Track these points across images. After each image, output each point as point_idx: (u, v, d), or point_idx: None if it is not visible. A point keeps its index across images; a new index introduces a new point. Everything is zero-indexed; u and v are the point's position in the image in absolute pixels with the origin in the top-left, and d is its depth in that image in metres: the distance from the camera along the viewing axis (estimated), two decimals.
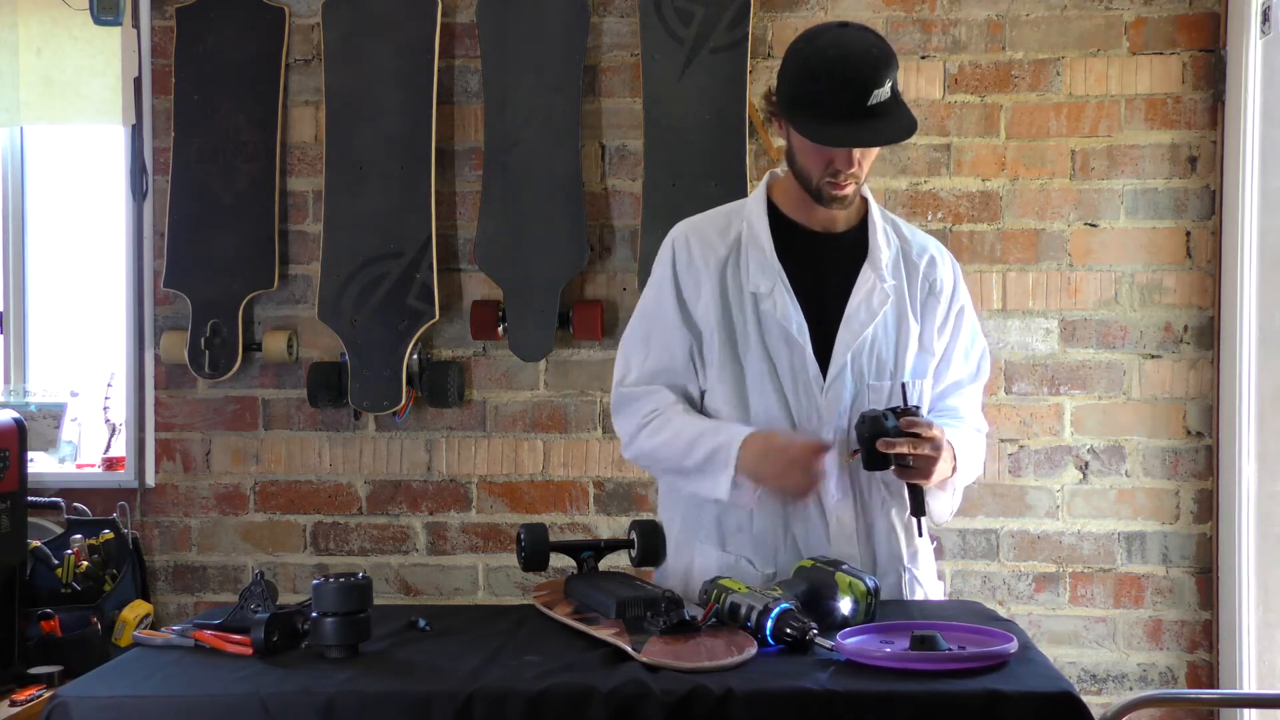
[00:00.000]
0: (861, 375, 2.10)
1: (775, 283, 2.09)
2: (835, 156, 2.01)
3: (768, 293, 2.09)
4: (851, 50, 1.98)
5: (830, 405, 2.09)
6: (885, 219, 2.20)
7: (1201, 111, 3.30)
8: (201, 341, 3.39)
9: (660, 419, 2.12)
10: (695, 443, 2.07)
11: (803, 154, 2.06)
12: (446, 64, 3.42)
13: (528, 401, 3.44)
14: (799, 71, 2.01)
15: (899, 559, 2.15)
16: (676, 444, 2.10)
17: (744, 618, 1.79)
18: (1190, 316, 3.32)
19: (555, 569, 2.21)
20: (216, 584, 3.50)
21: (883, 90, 1.96)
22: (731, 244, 2.14)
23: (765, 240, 2.12)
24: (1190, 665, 3.33)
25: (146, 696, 1.65)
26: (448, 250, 3.43)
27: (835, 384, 2.09)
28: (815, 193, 2.08)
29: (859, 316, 2.10)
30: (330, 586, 1.77)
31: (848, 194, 2.07)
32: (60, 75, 3.50)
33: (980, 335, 2.25)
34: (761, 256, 2.11)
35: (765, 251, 2.11)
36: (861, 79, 1.95)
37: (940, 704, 1.57)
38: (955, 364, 2.20)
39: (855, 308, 2.10)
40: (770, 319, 2.09)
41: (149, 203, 3.48)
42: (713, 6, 3.29)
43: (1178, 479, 3.32)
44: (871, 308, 2.10)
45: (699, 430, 2.09)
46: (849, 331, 2.09)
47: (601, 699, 1.59)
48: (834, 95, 1.96)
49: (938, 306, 2.18)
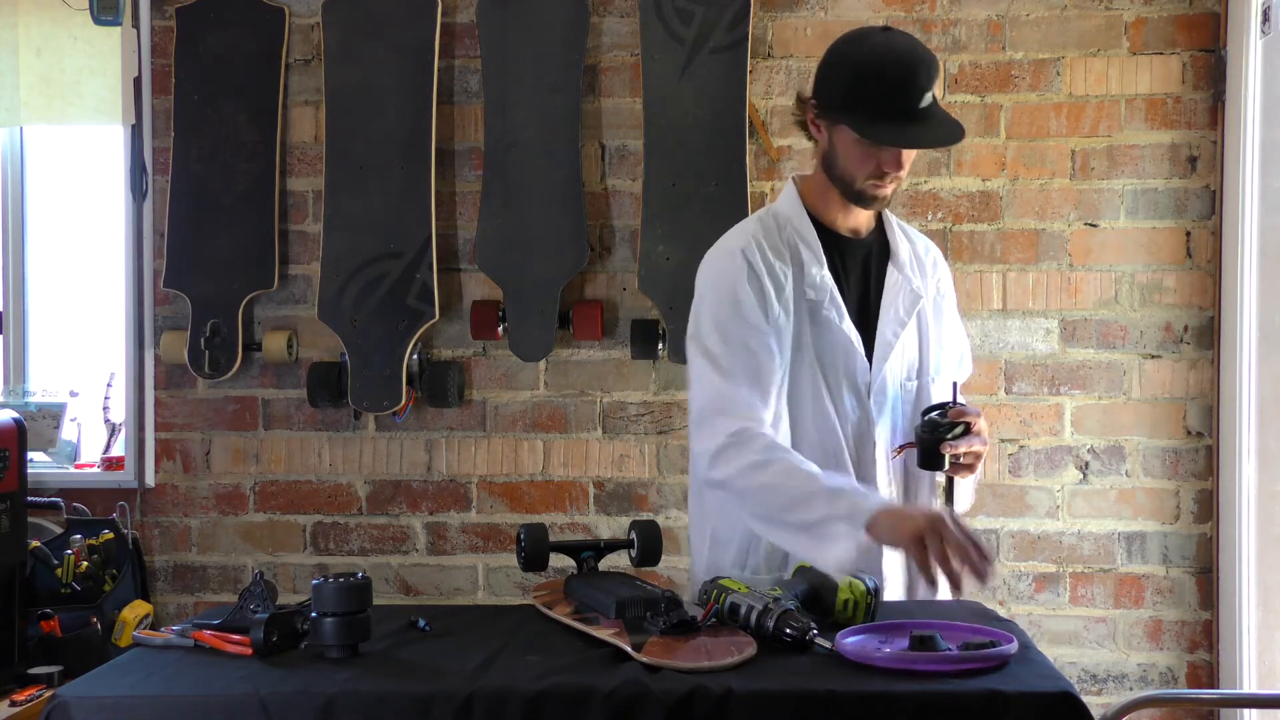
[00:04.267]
0: (897, 376, 2.15)
1: (831, 291, 2.11)
2: (884, 158, 2.03)
3: (825, 300, 2.11)
4: (903, 53, 2.02)
5: (877, 407, 2.12)
6: (894, 220, 2.25)
7: (1201, 111, 3.30)
8: (201, 341, 3.39)
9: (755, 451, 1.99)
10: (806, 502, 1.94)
11: (847, 157, 2.07)
12: (446, 64, 3.42)
13: (528, 401, 3.44)
14: (851, 73, 2.03)
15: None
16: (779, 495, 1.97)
17: (744, 618, 1.79)
18: (1190, 316, 3.32)
19: (555, 569, 2.21)
20: (216, 584, 3.50)
21: (930, 93, 2.01)
22: (789, 254, 2.13)
23: (817, 249, 2.13)
24: (1190, 665, 3.33)
25: (146, 696, 1.65)
26: (448, 250, 3.43)
27: (879, 386, 2.13)
28: (857, 194, 2.10)
29: (895, 316, 2.15)
30: (330, 586, 1.77)
31: (888, 194, 2.10)
32: (60, 75, 3.50)
33: (964, 333, 2.33)
34: (816, 265, 2.12)
35: (819, 260, 2.12)
36: (915, 80, 1.99)
37: (940, 704, 1.57)
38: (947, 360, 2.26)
39: (888, 309, 2.15)
40: (828, 326, 2.11)
41: (149, 203, 3.48)
42: (713, 6, 3.29)
43: (1178, 479, 3.32)
44: (904, 308, 2.15)
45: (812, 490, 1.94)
46: (887, 332, 2.14)
47: (601, 699, 1.59)
48: (890, 95, 1.99)
49: (944, 305, 2.25)
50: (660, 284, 3.27)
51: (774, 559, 2.12)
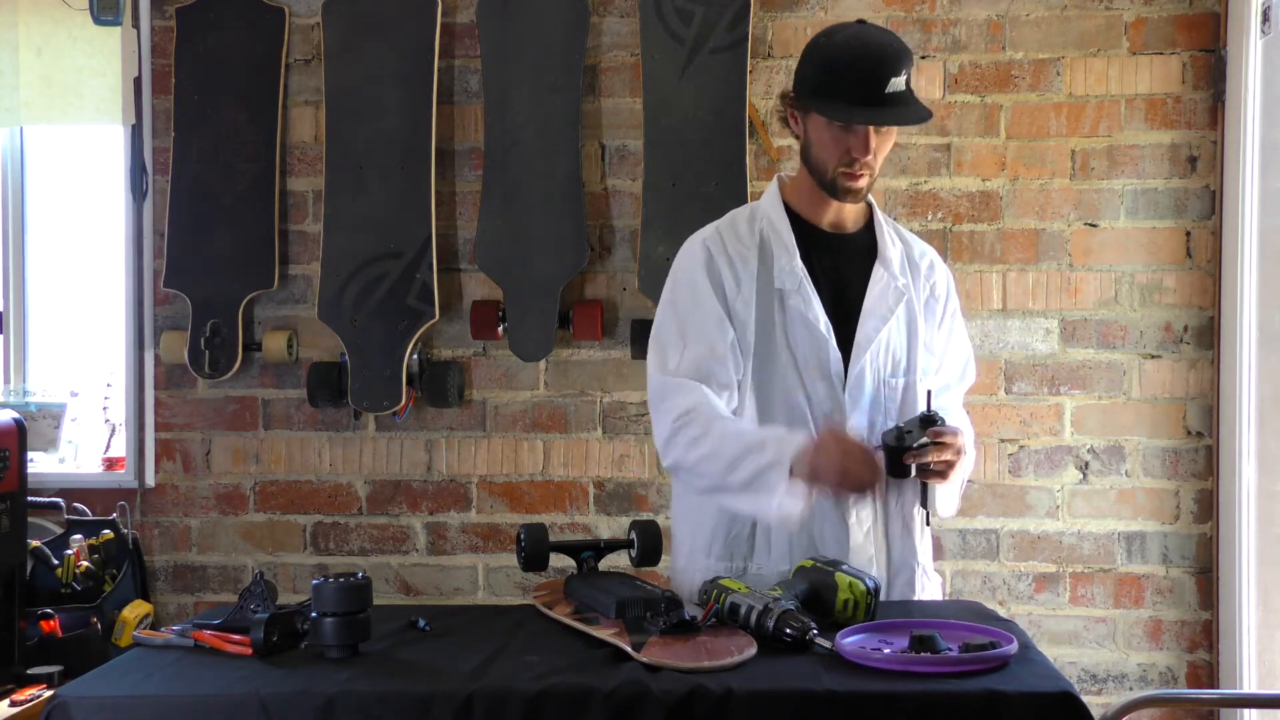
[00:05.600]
0: (879, 372, 2.15)
1: (801, 280, 2.14)
2: (852, 144, 2.07)
3: (794, 289, 2.13)
4: (870, 42, 2.08)
5: (852, 400, 2.13)
6: (888, 222, 2.26)
7: (1201, 111, 3.30)
8: (201, 341, 3.39)
9: (696, 426, 2.06)
10: (740, 460, 2.01)
11: (819, 144, 2.11)
12: (446, 64, 3.42)
13: (528, 401, 3.44)
14: (820, 62, 2.09)
15: (913, 553, 2.18)
16: (718, 461, 2.04)
17: (744, 618, 1.79)
18: (1190, 316, 3.32)
19: (555, 569, 2.21)
20: (216, 584, 3.50)
21: (899, 80, 2.04)
22: (758, 243, 2.18)
23: (789, 239, 2.17)
24: (1190, 665, 3.33)
25: (146, 696, 1.65)
26: (448, 250, 3.43)
27: (856, 379, 2.13)
28: (830, 184, 2.13)
29: (877, 312, 2.15)
30: (330, 586, 1.77)
31: (861, 186, 2.12)
32: (60, 75, 3.50)
33: (968, 341, 2.32)
34: (786, 255, 2.15)
35: (790, 250, 2.16)
36: (880, 67, 2.03)
37: (940, 704, 1.58)
38: (948, 366, 2.27)
39: (872, 304, 2.15)
40: (796, 315, 2.13)
41: (149, 203, 3.48)
42: (713, 6, 3.29)
43: (1178, 479, 3.32)
44: (887, 304, 2.16)
45: (743, 446, 2.02)
46: (868, 327, 2.14)
47: (601, 699, 1.59)
48: (856, 80, 2.04)
49: (936, 308, 2.25)
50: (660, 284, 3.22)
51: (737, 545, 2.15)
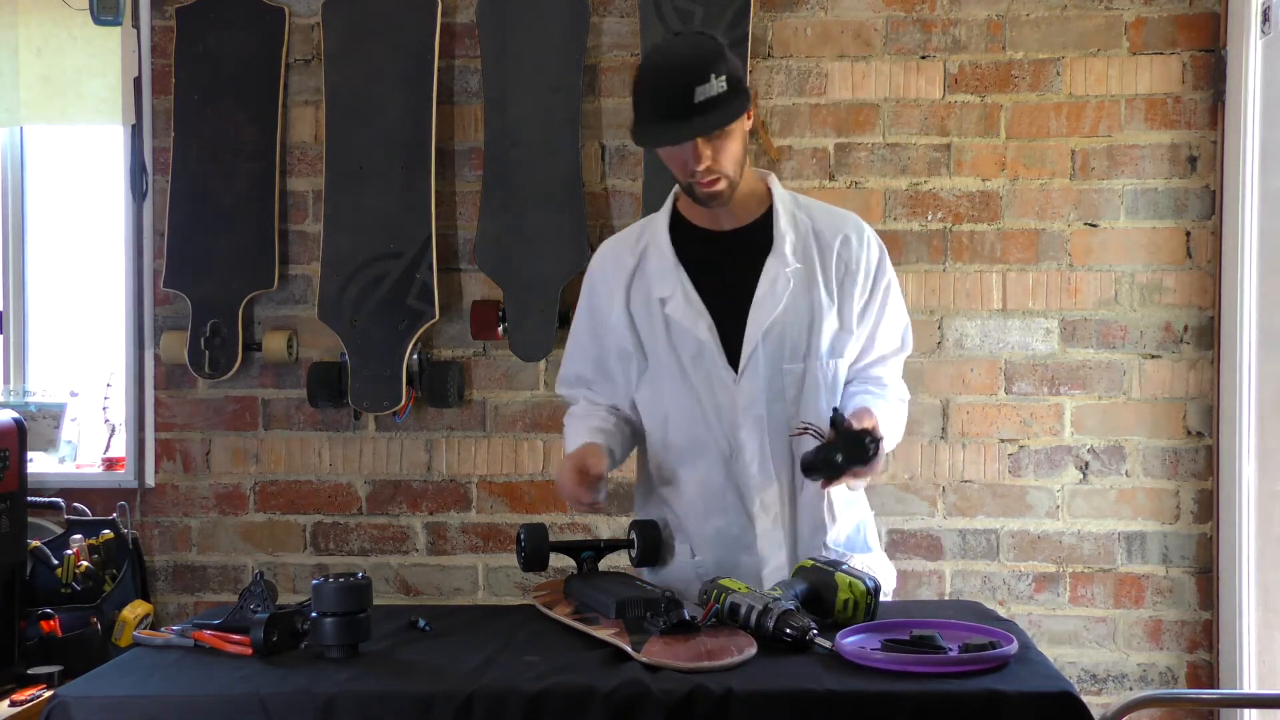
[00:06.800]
0: (775, 361, 2.15)
1: (676, 286, 2.17)
2: (685, 156, 2.06)
3: (670, 295, 2.17)
4: (673, 54, 2.09)
5: (745, 395, 2.14)
6: (798, 205, 2.23)
7: (1201, 111, 3.30)
8: (201, 341, 3.39)
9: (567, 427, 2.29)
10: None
11: (665, 160, 2.12)
12: (446, 64, 3.42)
13: (528, 401, 3.44)
14: (634, 86, 2.11)
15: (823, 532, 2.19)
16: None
17: (744, 618, 1.79)
18: (1190, 316, 3.32)
19: (555, 569, 2.21)
20: (216, 584, 3.50)
21: (708, 86, 2.01)
22: (639, 255, 2.23)
23: (666, 247, 2.20)
24: (1190, 665, 3.33)
25: (146, 696, 1.65)
26: (448, 250, 3.43)
27: (748, 374, 2.14)
28: (690, 192, 2.14)
29: (764, 305, 2.15)
30: (330, 586, 1.77)
31: (719, 190, 2.10)
32: (60, 75, 3.50)
33: (904, 310, 2.29)
34: (663, 263, 2.20)
35: (666, 257, 2.20)
36: (681, 79, 2.02)
37: (940, 704, 1.58)
38: (881, 338, 2.25)
39: (761, 298, 2.15)
40: (675, 322, 2.17)
41: (149, 203, 3.48)
42: (713, 6, 3.29)
43: (1178, 479, 3.32)
44: (776, 294, 2.15)
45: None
46: (755, 321, 2.14)
47: (601, 699, 1.59)
48: (658, 99, 2.04)
49: (855, 286, 2.20)
50: None
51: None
